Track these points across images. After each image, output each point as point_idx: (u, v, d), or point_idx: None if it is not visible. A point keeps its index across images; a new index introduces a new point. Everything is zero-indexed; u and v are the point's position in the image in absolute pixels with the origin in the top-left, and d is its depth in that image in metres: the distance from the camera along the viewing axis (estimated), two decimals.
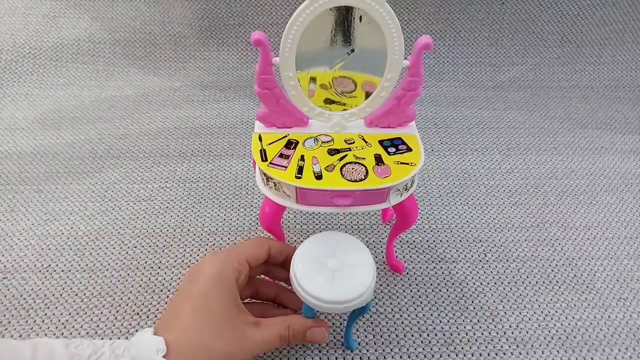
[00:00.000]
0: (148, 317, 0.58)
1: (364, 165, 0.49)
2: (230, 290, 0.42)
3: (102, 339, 0.55)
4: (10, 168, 0.78)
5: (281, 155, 0.50)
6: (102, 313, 0.58)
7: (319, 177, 0.48)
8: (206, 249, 0.66)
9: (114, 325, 0.57)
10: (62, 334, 0.55)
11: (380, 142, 0.52)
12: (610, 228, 0.71)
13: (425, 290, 0.62)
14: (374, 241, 0.68)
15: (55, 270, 0.63)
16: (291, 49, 0.47)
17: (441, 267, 0.65)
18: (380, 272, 0.63)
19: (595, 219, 0.73)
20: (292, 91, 0.51)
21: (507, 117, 0.95)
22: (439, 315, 0.59)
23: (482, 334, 0.57)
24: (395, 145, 0.52)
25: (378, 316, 0.58)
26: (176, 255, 0.65)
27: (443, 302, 0.60)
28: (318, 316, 0.57)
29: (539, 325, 0.58)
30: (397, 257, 0.65)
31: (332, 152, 0.51)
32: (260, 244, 0.47)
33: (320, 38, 0.48)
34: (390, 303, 0.60)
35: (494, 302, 0.61)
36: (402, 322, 0.58)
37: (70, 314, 0.58)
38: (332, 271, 0.45)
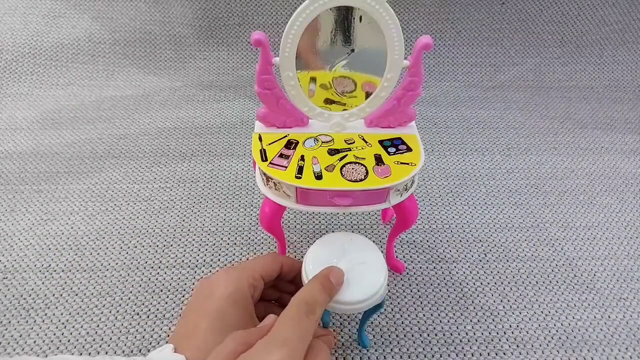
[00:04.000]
0: (148, 317, 0.58)
1: (364, 165, 0.49)
2: (246, 308, 0.42)
3: (102, 338, 0.55)
4: (10, 168, 0.78)
5: (281, 155, 0.50)
6: (102, 313, 0.58)
7: (319, 177, 0.48)
8: (206, 249, 0.66)
9: (114, 325, 0.57)
10: (62, 333, 0.56)
11: (380, 142, 0.52)
12: (610, 228, 0.71)
13: (425, 290, 0.62)
14: (374, 241, 0.67)
15: (55, 270, 0.63)
16: (291, 49, 0.47)
17: (441, 267, 0.65)
18: None
19: (595, 219, 0.73)
20: (292, 91, 0.51)
21: (507, 117, 0.95)
22: (439, 315, 0.59)
23: (482, 334, 0.57)
24: (395, 145, 0.52)
25: (378, 316, 0.58)
26: (176, 255, 0.65)
27: (443, 302, 0.60)
28: (332, 316, 0.57)
29: (539, 325, 0.58)
30: (397, 257, 0.65)
31: (332, 152, 0.51)
32: (274, 260, 0.47)
33: (320, 38, 0.49)
34: (390, 303, 0.60)
35: (494, 302, 0.61)
36: (402, 322, 0.58)
37: (70, 313, 0.58)
38: (344, 272, 0.45)
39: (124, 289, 0.61)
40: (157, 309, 0.58)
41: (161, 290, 0.61)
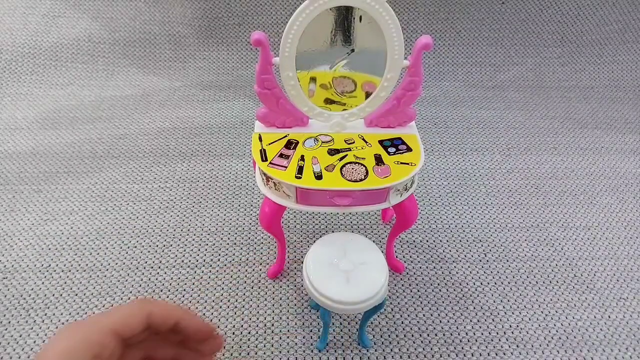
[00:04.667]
0: None
1: (364, 165, 0.49)
2: None
3: None
4: (10, 168, 0.78)
5: (281, 155, 0.50)
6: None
7: (319, 177, 0.48)
8: (206, 249, 0.66)
9: None
10: None
11: (380, 142, 0.52)
12: (610, 228, 0.71)
13: (425, 290, 0.62)
14: (374, 241, 0.67)
15: (55, 270, 0.63)
16: (291, 49, 0.47)
17: (441, 267, 0.65)
18: None
19: (595, 219, 0.73)
20: (291, 91, 0.51)
21: (507, 117, 0.95)
22: (439, 315, 0.59)
23: (482, 334, 0.57)
24: (395, 145, 0.52)
25: (378, 316, 0.58)
26: (176, 255, 0.65)
27: (443, 302, 0.60)
28: (333, 316, 0.57)
29: (539, 325, 0.58)
30: (397, 257, 0.65)
31: (332, 152, 0.51)
32: (137, 310, 0.35)
33: (320, 38, 0.49)
34: (390, 303, 0.60)
35: (494, 302, 0.61)
36: (402, 322, 0.58)
37: (70, 313, 0.58)
38: (345, 272, 0.46)
39: (124, 289, 0.61)
40: None
41: (161, 290, 0.61)
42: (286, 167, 0.49)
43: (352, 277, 0.45)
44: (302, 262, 0.58)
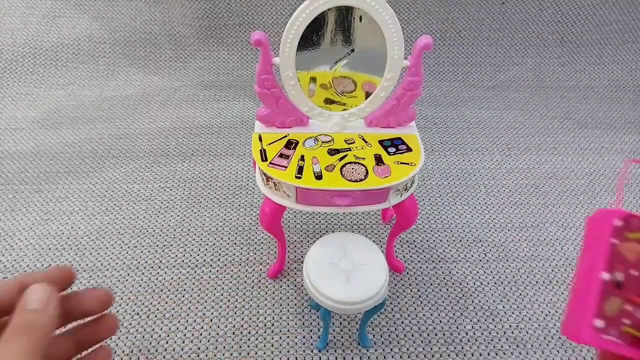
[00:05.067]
0: (148, 317, 0.58)
1: (364, 165, 0.49)
2: None
3: None
4: (11, 168, 0.78)
5: (281, 155, 0.50)
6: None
7: (319, 177, 0.48)
8: (206, 249, 0.66)
9: None
10: None
11: (381, 142, 0.52)
12: None
13: (425, 290, 0.62)
14: (374, 241, 0.67)
15: None
16: (291, 49, 0.47)
17: (441, 267, 0.65)
18: None
19: None
20: (291, 91, 0.51)
21: (507, 117, 0.95)
22: (439, 315, 0.59)
23: (482, 333, 0.57)
24: (395, 145, 0.52)
25: (378, 316, 0.58)
26: (176, 255, 0.65)
27: (443, 302, 0.60)
28: (333, 316, 0.57)
29: (539, 325, 0.58)
30: (397, 257, 0.65)
31: (332, 152, 0.51)
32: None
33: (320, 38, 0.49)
34: (390, 303, 0.60)
35: (494, 302, 0.61)
36: (402, 322, 0.58)
37: None
38: (345, 272, 0.46)
39: (124, 288, 0.61)
40: (157, 309, 0.58)
41: (161, 290, 0.61)
42: (286, 167, 0.49)
43: (352, 277, 0.45)
44: (302, 262, 0.58)
